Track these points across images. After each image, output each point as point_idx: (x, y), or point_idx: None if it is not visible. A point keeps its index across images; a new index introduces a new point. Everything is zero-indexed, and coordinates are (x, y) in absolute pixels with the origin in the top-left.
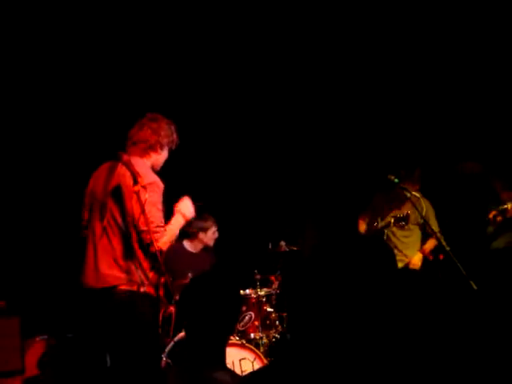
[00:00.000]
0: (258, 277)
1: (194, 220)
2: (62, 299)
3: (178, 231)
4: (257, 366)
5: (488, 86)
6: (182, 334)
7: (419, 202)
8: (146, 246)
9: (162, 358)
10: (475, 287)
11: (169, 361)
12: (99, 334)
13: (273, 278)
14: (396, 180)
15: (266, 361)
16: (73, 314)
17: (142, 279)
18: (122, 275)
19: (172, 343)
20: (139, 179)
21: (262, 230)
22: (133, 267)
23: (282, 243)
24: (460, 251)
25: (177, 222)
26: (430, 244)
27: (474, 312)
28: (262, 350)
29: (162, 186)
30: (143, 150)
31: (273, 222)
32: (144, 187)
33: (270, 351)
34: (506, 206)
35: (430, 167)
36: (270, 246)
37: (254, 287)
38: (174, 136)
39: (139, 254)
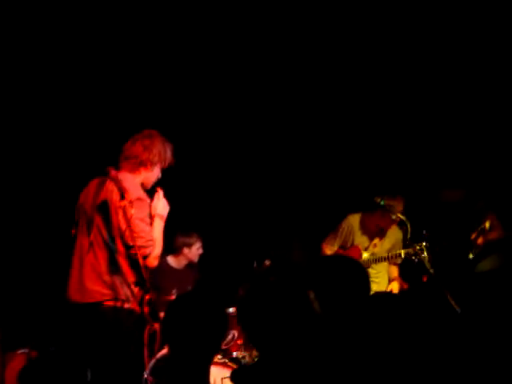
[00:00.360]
0: (242, 295)
1: (179, 235)
2: (43, 312)
3: (162, 235)
4: None
5: (469, 110)
6: (164, 350)
7: (405, 224)
8: (134, 262)
9: (143, 375)
10: (458, 309)
11: (150, 378)
12: (82, 349)
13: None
14: (382, 202)
15: None
16: (55, 326)
17: (128, 295)
18: (107, 291)
19: (154, 360)
20: (126, 195)
21: (248, 248)
22: (118, 283)
23: (267, 262)
24: (445, 275)
25: (158, 226)
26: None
27: (456, 334)
28: None
29: (148, 201)
30: (134, 166)
31: (258, 241)
32: (131, 203)
33: None
34: (483, 226)
35: (413, 192)
36: (255, 265)
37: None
38: (168, 155)
39: (125, 269)
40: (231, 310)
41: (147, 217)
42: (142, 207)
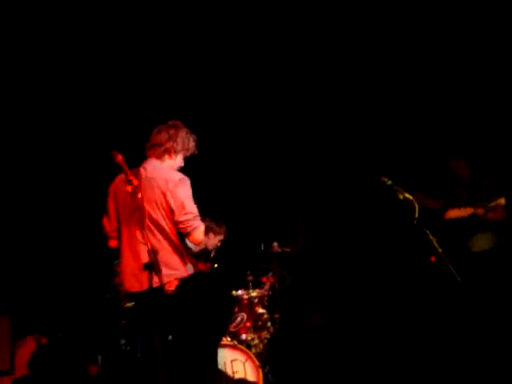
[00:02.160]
0: (251, 278)
1: (208, 220)
2: (52, 298)
3: None
4: (248, 367)
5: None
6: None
7: (413, 204)
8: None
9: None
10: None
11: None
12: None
13: (265, 279)
14: (389, 182)
15: (257, 362)
16: (64, 313)
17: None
18: (172, 272)
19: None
20: (132, 180)
21: (255, 231)
22: (179, 261)
23: (275, 244)
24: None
25: None
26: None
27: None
28: (253, 351)
29: (188, 180)
30: (159, 153)
31: (265, 223)
32: (137, 187)
33: (262, 352)
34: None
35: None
36: (263, 247)
37: (246, 288)
38: (191, 145)
39: (179, 247)
40: (240, 292)
41: (191, 194)
42: (186, 185)
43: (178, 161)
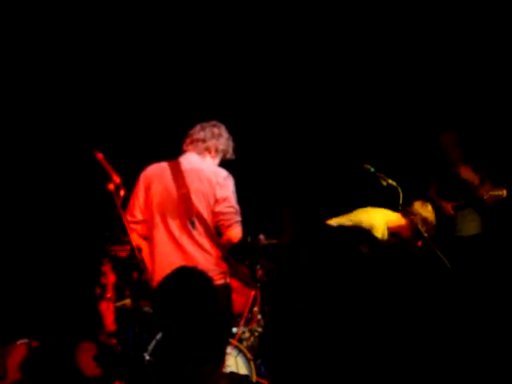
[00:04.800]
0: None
1: None
2: (42, 300)
3: None
4: (240, 361)
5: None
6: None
7: (397, 190)
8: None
9: (144, 356)
10: (455, 276)
11: (152, 359)
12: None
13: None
14: (372, 169)
15: (249, 355)
16: (55, 315)
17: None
18: (213, 267)
19: (154, 341)
20: (114, 177)
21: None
22: (218, 257)
23: (261, 236)
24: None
25: None
26: None
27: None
28: (245, 345)
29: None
30: (200, 150)
31: (251, 215)
32: (120, 185)
33: (253, 346)
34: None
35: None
36: (249, 239)
37: None
38: (230, 148)
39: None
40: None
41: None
42: (232, 182)
43: (216, 160)
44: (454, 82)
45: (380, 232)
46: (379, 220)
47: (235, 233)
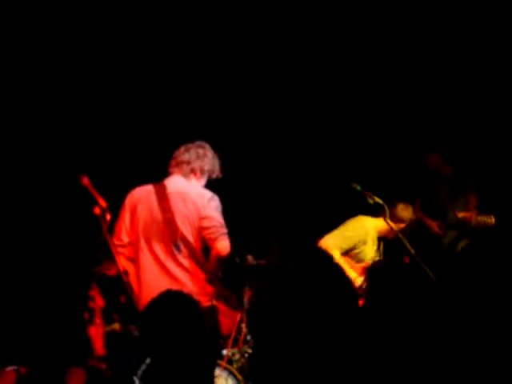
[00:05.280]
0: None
1: None
2: (30, 327)
3: None
4: (231, 382)
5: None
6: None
7: (383, 207)
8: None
9: (134, 380)
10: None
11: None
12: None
13: (242, 293)
14: (358, 187)
15: (240, 377)
16: (44, 341)
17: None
18: (196, 289)
19: (144, 365)
20: (100, 201)
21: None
22: (204, 279)
23: (249, 257)
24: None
25: None
26: None
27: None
28: (235, 366)
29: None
30: (186, 172)
31: (239, 236)
32: (105, 209)
33: (244, 367)
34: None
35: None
36: (238, 260)
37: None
38: (216, 168)
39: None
40: None
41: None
42: (218, 202)
43: (202, 182)
44: (441, 95)
45: (371, 237)
46: (370, 226)
47: (222, 245)
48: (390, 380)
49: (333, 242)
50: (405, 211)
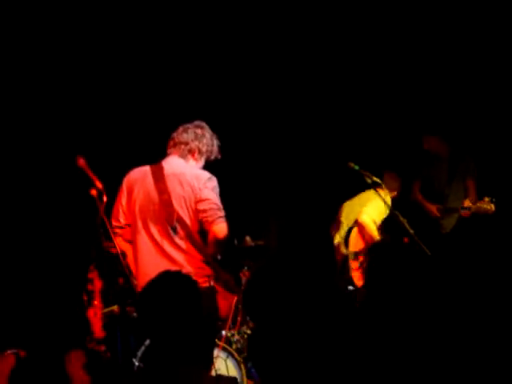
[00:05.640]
0: None
1: None
2: (29, 310)
3: None
4: (230, 363)
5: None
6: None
7: (381, 188)
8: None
9: (133, 362)
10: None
11: (141, 365)
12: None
13: (241, 274)
14: (356, 167)
15: (239, 358)
16: (42, 324)
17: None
18: (198, 270)
19: (143, 347)
20: (96, 183)
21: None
22: (202, 259)
23: (248, 238)
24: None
25: None
26: None
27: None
28: (234, 347)
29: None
30: (183, 152)
31: (237, 217)
32: (102, 191)
33: (243, 348)
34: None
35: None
36: (236, 242)
37: None
38: (214, 148)
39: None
40: None
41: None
42: (215, 184)
43: (200, 162)
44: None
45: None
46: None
47: (219, 228)
48: (389, 365)
49: (371, 218)
50: (392, 180)
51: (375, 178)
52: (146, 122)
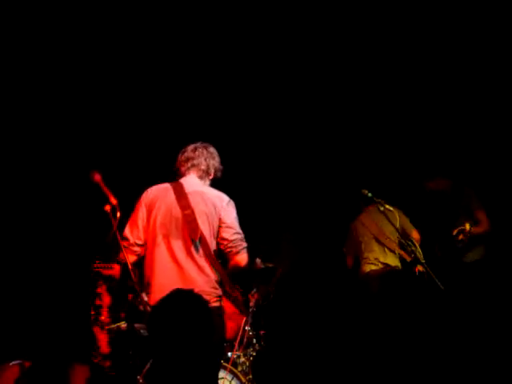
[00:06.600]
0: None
1: None
2: (36, 322)
3: None
4: None
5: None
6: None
7: (393, 215)
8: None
9: (138, 379)
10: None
11: (145, 383)
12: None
13: (249, 295)
14: (370, 194)
15: (244, 379)
16: (49, 336)
17: (224, 292)
18: (213, 290)
19: (148, 365)
20: (111, 199)
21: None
22: (218, 281)
23: (258, 260)
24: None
25: None
26: None
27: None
28: (239, 369)
29: None
30: (200, 173)
31: (248, 239)
32: (116, 207)
33: (248, 370)
34: (463, 227)
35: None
36: None
37: None
38: (220, 169)
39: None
40: None
41: None
42: (235, 207)
43: (208, 182)
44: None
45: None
46: None
47: (243, 258)
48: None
49: None
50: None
51: (388, 206)
52: (158, 141)
